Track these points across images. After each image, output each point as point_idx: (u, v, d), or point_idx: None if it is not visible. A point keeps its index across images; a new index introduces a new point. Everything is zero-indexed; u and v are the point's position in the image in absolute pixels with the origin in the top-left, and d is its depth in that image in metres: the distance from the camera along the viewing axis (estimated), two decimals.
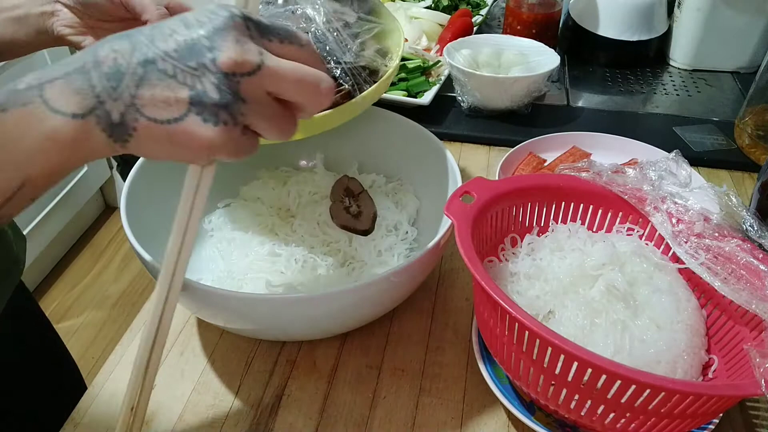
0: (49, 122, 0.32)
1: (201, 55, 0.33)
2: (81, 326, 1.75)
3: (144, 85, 0.33)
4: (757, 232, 0.49)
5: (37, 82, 0.33)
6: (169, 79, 0.33)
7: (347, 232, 0.63)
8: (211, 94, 0.33)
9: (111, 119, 0.33)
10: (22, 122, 0.32)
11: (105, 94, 0.33)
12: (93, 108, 0.32)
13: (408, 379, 0.56)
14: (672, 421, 0.41)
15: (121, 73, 0.33)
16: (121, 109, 0.33)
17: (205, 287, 0.49)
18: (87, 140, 0.33)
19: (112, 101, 0.33)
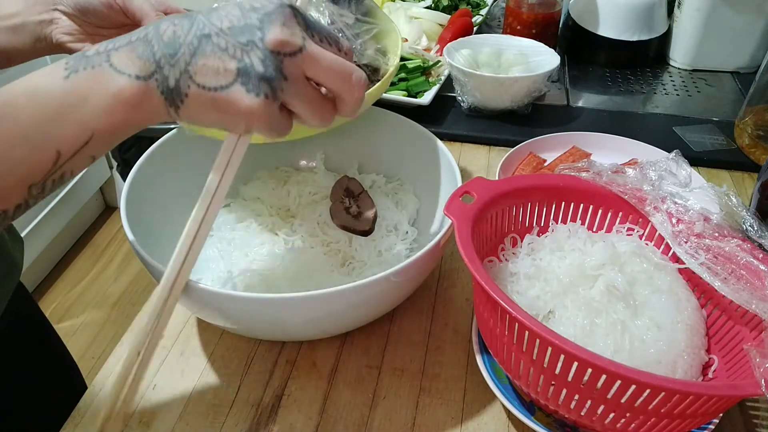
0: (115, 82, 0.36)
1: (252, 33, 0.37)
2: (81, 326, 1.75)
3: (197, 55, 0.37)
4: (757, 232, 0.49)
5: (104, 49, 0.37)
6: (220, 51, 0.37)
7: (347, 233, 0.63)
8: (257, 67, 0.37)
9: (168, 84, 0.37)
10: (91, 82, 0.36)
11: (163, 60, 0.36)
12: (153, 72, 0.36)
13: (408, 379, 0.56)
14: (672, 421, 0.41)
15: (179, 43, 0.37)
16: (177, 75, 0.37)
17: (205, 287, 0.49)
18: (148, 101, 0.37)
19: (169, 66, 0.36)
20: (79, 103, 0.35)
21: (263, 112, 0.37)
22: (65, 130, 0.35)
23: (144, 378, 0.42)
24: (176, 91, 0.37)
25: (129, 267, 1.94)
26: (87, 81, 0.36)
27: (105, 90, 0.36)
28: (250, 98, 0.37)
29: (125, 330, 0.61)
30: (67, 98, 0.35)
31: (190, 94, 0.37)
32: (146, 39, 0.37)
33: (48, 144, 0.35)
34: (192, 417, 0.53)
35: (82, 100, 0.35)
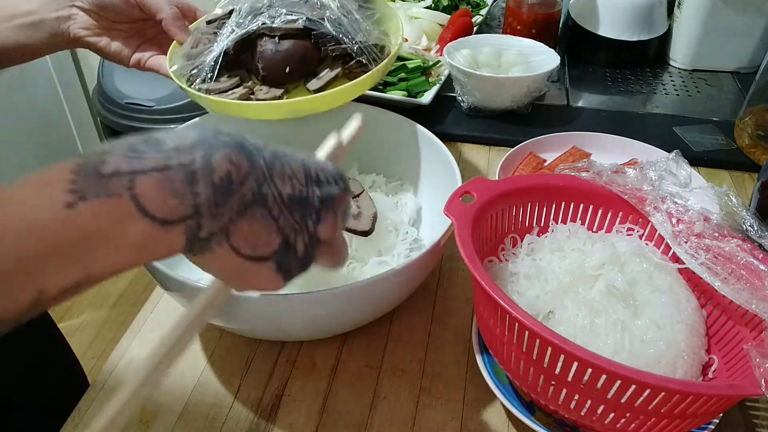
0: (132, 225, 0.28)
1: (307, 213, 0.34)
2: (81, 326, 1.75)
3: (245, 219, 0.31)
4: (757, 232, 0.49)
5: (128, 169, 0.28)
6: (271, 220, 0.32)
7: (347, 233, 0.63)
8: (299, 251, 0.34)
9: (200, 234, 0.30)
10: (101, 218, 0.28)
11: (205, 207, 0.30)
12: (186, 217, 0.29)
13: (408, 379, 0.56)
14: (672, 421, 0.41)
15: (232, 192, 0.30)
16: (214, 229, 0.30)
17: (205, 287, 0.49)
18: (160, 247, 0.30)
19: (210, 217, 0.30)
20: (79, 243, 0.28)
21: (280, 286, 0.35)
22: (53, 271, 0.28)
23: None
24: (204, 242, 0.31)
25: None
26: (95, 216, 0.27)
27: (116, 234, 0.28)
28: (277, 279, 0.34)
29: (125, 330, 0.61)
30: (65, 234, 0.27)
31: (217, 251, 0.31)
32: (189, 170, 0.29)
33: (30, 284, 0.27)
34: (192, 417, 0.53)
35: (82, 240, 0.28)
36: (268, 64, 0.61)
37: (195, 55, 0.61)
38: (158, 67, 0.63)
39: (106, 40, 0.61)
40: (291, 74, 0.61)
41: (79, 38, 0.59)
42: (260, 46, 0.61)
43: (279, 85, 0.62)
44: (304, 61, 0.62)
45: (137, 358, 0.58)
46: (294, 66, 0.61)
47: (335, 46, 0.60)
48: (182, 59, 0.62)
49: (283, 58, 0.60)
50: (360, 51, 0.60)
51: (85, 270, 0.28)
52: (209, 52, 0.60)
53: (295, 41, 0.61)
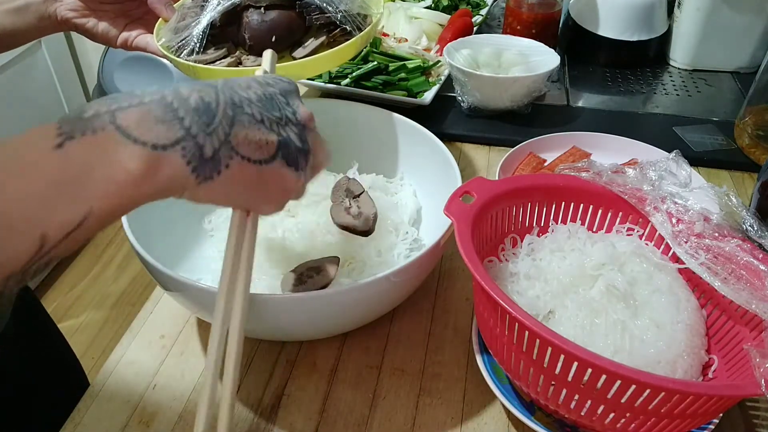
0: (123, 151, 0.29)
1: (281, 107, 0.37)
2: (81, 326, 1.75)
3: (236, 125, 0.33)
4: (757, 232, 0.49)
5: (107, 108, 0.30)
6: (258, 123, 0.35)
7: (348, 233, 0.63)
8: (295, 141, 0.37)
9: (203, 153, 0.32)
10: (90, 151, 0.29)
11: (196, 127, 0.31)
12: (180, 140, 0.31)
13: (408, 379, 0.56)
14: (672, 421, 0.41)
15: (212, 110, 0.32)
16: (216, 144, 0.32)
17: (205, 287, 0.49)
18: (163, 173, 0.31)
19: (204, 135, 0.32)
20: (74, 180, 0.28)
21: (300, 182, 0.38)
22: (54, 212, 0.28)
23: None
24: (213, 161, 0.32)
25: (129, 267, 1.94)
26: (85, 150, 0.29)
27: (109, 162, 0.29)
28: (291, 172, 0.36)
29: (125, 330, 0.61)
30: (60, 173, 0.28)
31: (231, 166, 0.33)
32: (164, 102, 0.31)
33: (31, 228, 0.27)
34: (192, 417, 0.53)
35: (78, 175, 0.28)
36: (255, 34, 0.62)
37: (182, 28, 0.62)
38: (145, 45, 0.64)
39: (93, 21, 0.61)
40: (277, 43, 0.62)
41: (67, 20, 0.60)
42: (246, 17, 0.62)
43: None
44: (290, 31, 0.63)
45: (138, 359, 0.58)
46: (280, 35, 0.62)
47: (319, 15, 0.62)
48: (169, 33, 0.63)
49: (269, 28, 0.61)
50: (344, 19, 0.62)
51: (85, 206, 0.29)
52: (196, 24, 0.61)
53: (280, 11, 0.62)
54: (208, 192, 0.33)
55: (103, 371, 0.57)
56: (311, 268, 0.58)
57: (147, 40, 0.63)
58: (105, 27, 0.63)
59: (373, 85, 0.90)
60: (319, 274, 0.57)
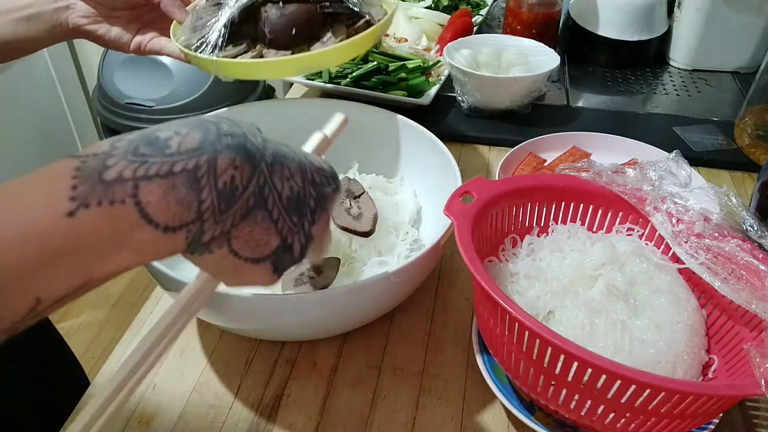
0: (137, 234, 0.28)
1: (304, 214, 0.34)
2: (81, 326, 1.75)
3: (248, 220, 0.31)
4: (757, 232, 0.49)
5: (132, 175, 0.28)
6: (270, 222, 0.32)
7: (348, 233, 0.63)
8: (294, 252, 0.34)
9: (201, 239, 0.30)
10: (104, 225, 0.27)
11: (209, 213, 0.30)
12: (190, 222, 0.29)
13: (408, 379, 0.56)
14: (672, 421, 0.41)
15: (235, 197, 0.30)
16: (216, 233, 0.31)
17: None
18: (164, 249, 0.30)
19: (213, 223, 0.30)
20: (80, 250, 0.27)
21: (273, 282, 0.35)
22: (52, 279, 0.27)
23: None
24: (205, 246, 0.31)
25: None
26: (98, 224, 0.27)
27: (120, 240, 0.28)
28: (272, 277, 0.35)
29: (125, 330, 0.61)
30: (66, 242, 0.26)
31: (216, 253, 0.31)
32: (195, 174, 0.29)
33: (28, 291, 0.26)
34: (192, 417, 0.53)
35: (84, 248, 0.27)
36: (275, 28, 0.62)
37: (200, 27, 0.62)
38: (159, 48, 0.63)
39: (105, 28, 0.61)
40: (297, 36, 0.63)
41: (79, 27, 0.60)
42: (265, 11, 0.62)
43: (285, 48, 0.64)
44: (309, 23, 0.63)
45: None
46: (300, 27, 0.62)
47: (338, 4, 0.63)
48: (188, 32, 0.63)
49: (288, 21, 0.62)
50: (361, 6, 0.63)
51: (84, 276, 0.28)
52: (216, 21, 0.61)
53: (298, 5, 0.62)
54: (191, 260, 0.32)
55: (103, 371, 0.57)
56: (311, 268, 0.58)
57: (161, 43, 0.63)
58: (117, 33, 0.62)
59: (373, 85, 0.90)
60: (320, 275, 0.57)
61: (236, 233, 0.31)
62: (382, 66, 0.91)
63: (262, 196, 0.32)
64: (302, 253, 0.35)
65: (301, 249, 0.35)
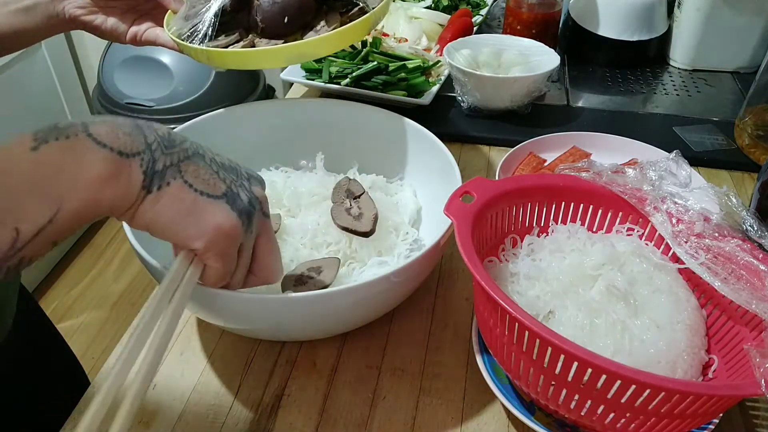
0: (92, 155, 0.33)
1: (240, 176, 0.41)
2: (81, 326, 1.75)
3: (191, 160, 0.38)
4: (757, 232, 0.49)
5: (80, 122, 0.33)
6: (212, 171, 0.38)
7: (348, 233, 0.63)
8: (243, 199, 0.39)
9: (155, 165, 0.35)
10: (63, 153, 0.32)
11: (156, 145, 0.36)
12: (141, 152, 0.35)
13: (408, 379, 0.56)
14: (672, 421, 0.41)
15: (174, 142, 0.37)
16: (167, 163, 0.36)
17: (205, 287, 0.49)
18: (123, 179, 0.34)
19: (161, 152, 0.36)
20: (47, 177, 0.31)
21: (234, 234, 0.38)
22: (27, 208, 0.31)
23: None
24: (160, 175, 0.35)
25: (129, 267, 1.94)
26: (59, 152, 0.32)
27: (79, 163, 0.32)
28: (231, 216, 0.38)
29: (125, 330, 0.61)
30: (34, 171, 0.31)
31: (172, 184, 0.36)
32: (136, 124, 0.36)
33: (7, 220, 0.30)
34: (192, 417, 0.53)
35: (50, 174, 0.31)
36: (267, 16, 0.62)
37: (192, 15, 0.63)
38: (155, 38, 0.64)
39: (101, 18, 0.62)
40: (290, 24, 0.62)
41: (75, 18, 0.60)
42: (257, 0, 0.62)
43: (278, 37, 0.64)
44: (301, 11, 0.63)
45: None
46: (292, 16, 0.62)
47: None
48: (180, 21, 0.63)
49: (281, 9, 0.62)
50: None
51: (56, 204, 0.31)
52: (207, 10, 0.61)
53: None
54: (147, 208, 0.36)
55: (103, 371, 0.57)
56: (311, 268, 0.58)
57: (156, 33, 0.64)
58: (113, 23, 0.63)
59: (373, 85, 0.90)
60: (320, 275, 0.57)
61: (184, 167, 0.37)
62: (382, 66, 0.91)
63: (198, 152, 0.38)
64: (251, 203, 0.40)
65: (249, 200, 0.40)
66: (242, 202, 0.39)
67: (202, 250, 0.38)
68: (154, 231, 0.37)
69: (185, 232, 0.37)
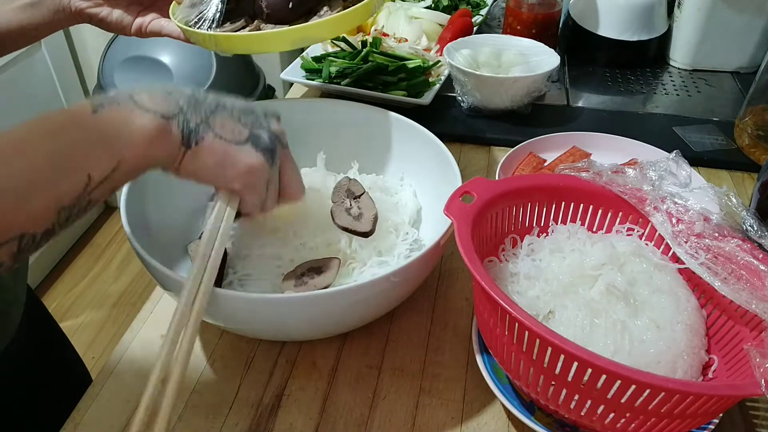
0: (141, 116, 0.40)
1: (257, 118, 0.47)
2: (81, 326, 1.75)
3: (216, 114, 0.44)
4: (757, 232, 0.49)
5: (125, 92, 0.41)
6: (234, 119, 0.45)
7: (348, 233, 0.63)
8: (264, 139, 0.46)
9: (189, 125, 0.42)
10: (118, 116, 0.39)
11: (187, 106, 0.43)
12: (176, 113, 0.42)
13: (408, 379, 0.56)
14: (672, 421, 0.41)
15: (199, 101, 0.44)
16: (198, 120, 0.43)
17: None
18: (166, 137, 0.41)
19: (192, 112, 0.43)
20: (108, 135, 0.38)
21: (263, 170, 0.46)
22: (96, 157, 0.38)
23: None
24: (194, 132, 0.43)
25: (129, 267, 1.94)
26: (113, 115, 0.39)
27: (131, 123, 0.39)
28: (257, 156, 0.45)
29: (125, 330, 0.61)
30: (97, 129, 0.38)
31: (206, 139, 0.43)
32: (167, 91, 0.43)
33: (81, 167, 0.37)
34: (192, 417, 0.53)
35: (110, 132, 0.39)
36: (272, 2, 0.63)
37: (198, 3, 0.63)
38: (159, 29, 0.64)
39: (106, 11, 0.62)
40: (294, 10, 0.63)
41: (81, 11, 0.61)
42: None
43: (283, 22, 0.64)
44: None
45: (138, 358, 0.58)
46: (297, 1, 0.63)
47: None
48: (185, 9, 0.63)
49: None
50: None
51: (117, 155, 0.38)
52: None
53: None
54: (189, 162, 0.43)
55: (103, 371, 0.57)
56: (312, 268, 0.58)
57: (161, 24, 0.64)
58: (119, 15, 0.63)
59: (373, 85, 0.90)
60: (320, 275, 0.57)
61: (212, 122, 0.44)
62: (382, 66, 0.91)
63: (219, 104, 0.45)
64: (272, 142, 0.47)
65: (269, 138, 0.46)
66: (264, 141, 0.46)
67: (240, 188, 0.46)
68: (199, 179, 0.45)
69: (224, 177, 0.45)
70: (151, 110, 0.40)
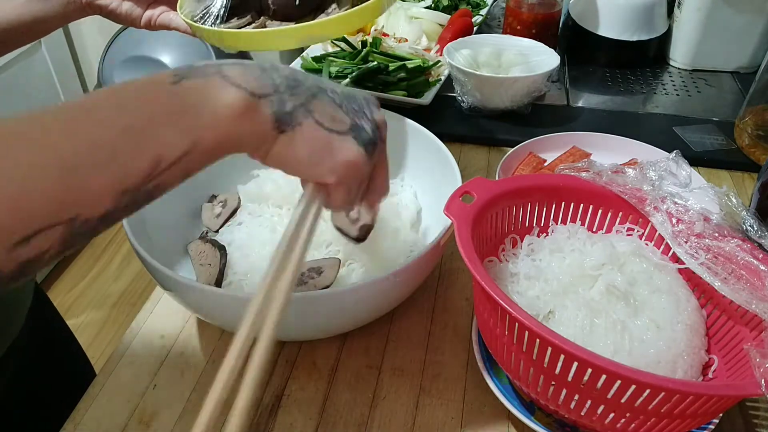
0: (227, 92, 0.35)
1: (360, 105, 0.42)
2: (81, 326, 1.75)
3: (317, 99, 0.39)
4: (757, 232, 0.49)
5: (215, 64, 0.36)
6: (336, 106, 0.40)
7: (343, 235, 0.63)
8: (367, 130, 0.41)
9: (284, 107, 0.37)
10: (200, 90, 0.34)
11: (284, 87, 0.37)
12: (270, 94, 0.36)
13: (408, 379, 0.56)
14: (672, 421, 0.41)
15: (300, 82, 0.38)
16: (296, 103, 0.37)
17: (205, 287, 0.49)
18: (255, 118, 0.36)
19: (289, 94, 0.37)
20: (186, 110, 0.33)
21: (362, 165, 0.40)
22: (169, 135, 0.33)
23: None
24: (291, 116, 0.37)
25: (129, 267, 1.94)
26: (196, 89, 0.34)
27: (215, 99, 0.34)
28: (358, 149, 0.40)
29: (125, 330, 0.61)
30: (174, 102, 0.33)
31: (304, 124, 0.38)
32: (262, 68, 0.38)
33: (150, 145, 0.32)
34: (192, 417, 0.53)
35: (189, 107, 0.34)
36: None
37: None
38: (168, 21, 0.64)
39: (116, 2, 0.62)
40: (301, 7, 0.63)
41: (91, 2, 0.61)
42: None
43: (289, 19, 0.64)
44: None
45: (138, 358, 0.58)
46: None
47: None
48: (192, 3, 0.63)
49: None
50: None
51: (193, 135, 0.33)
52: None
53: None
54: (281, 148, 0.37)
55: (103, 371, 0.57)
56: (312, 269, 0.58)
57: (170, 17, 0.64)
58: (128, 7, 0.63)
59: (373, 85, 0.90)
60: (320, 275, 0.57)
61: (312, 107, 0.38)
62: (382, 66, 0.91)
63: (321, 87, 0.40)
64: (374, 134, 0.41)
65: (372, 130, 0.41)
66: (366, 133, 0.41)
67: (335, 183, 0.41)
68: (289, 168, 0.39)
69: (319, 169, 0.40)
70: (240, 86, 0.35)
